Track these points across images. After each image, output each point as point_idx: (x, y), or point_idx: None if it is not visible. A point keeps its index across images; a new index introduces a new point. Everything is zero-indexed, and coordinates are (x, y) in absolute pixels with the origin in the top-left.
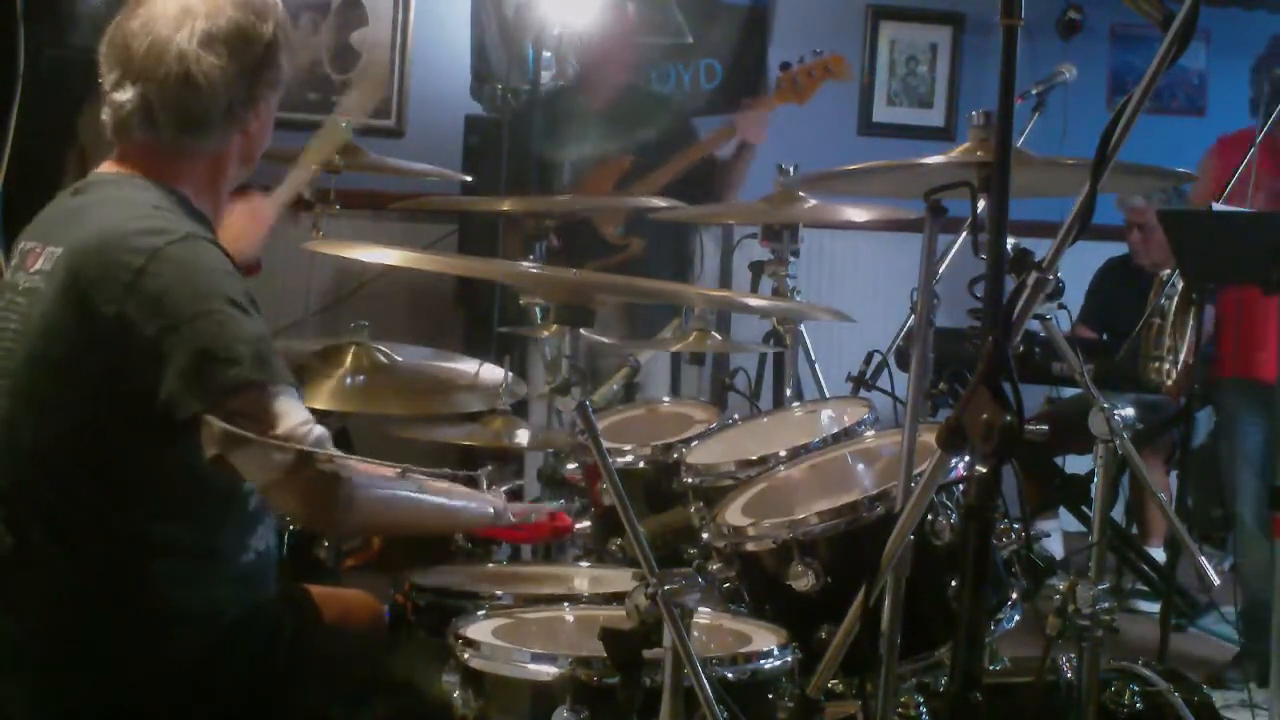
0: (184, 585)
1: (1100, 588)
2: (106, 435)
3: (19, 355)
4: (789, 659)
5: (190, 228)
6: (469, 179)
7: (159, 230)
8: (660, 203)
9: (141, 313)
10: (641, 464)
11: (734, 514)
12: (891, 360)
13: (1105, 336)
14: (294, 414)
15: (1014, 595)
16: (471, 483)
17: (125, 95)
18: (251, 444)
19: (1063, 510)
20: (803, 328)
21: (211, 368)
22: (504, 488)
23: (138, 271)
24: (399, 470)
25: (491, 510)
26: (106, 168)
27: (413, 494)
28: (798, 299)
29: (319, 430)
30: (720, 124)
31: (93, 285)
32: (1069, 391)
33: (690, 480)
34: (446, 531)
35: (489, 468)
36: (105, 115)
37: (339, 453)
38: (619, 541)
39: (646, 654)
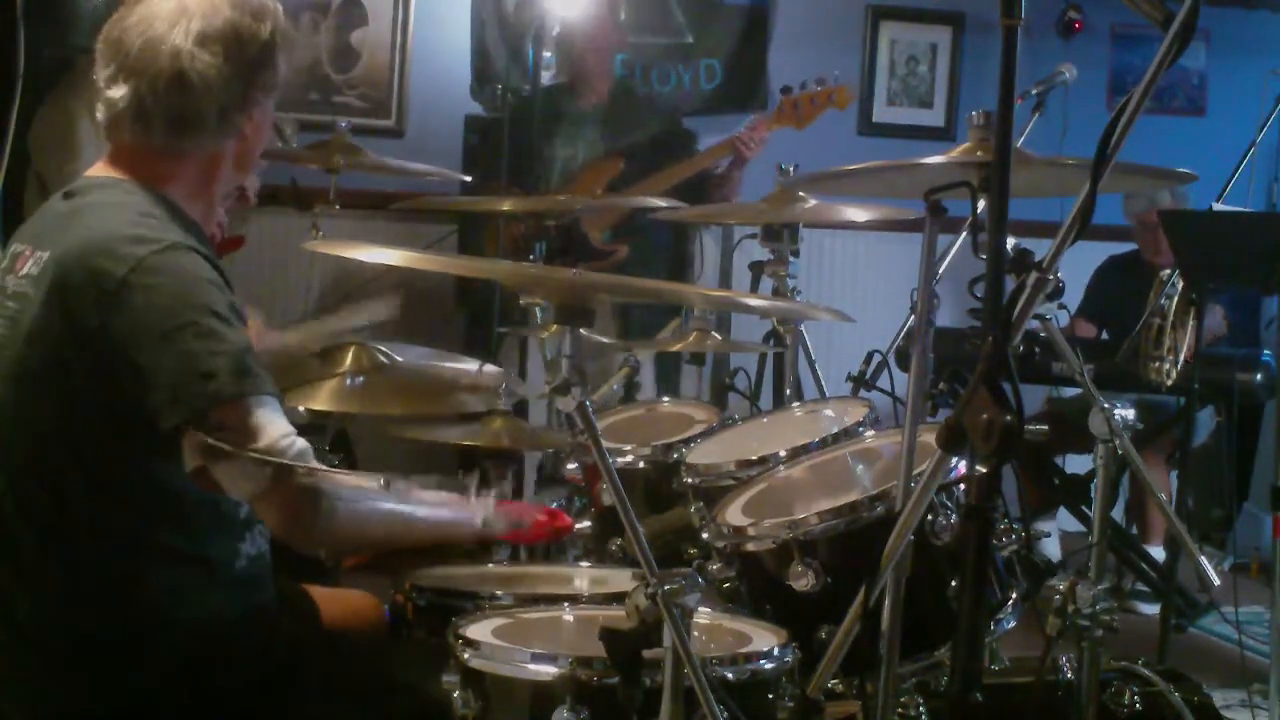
0: (178, 591)
1: (1100, 588)
2: (94, 442)
3: (8, 360)
4: (789, 659)
5: (176, 236)
6: (469, 179)
7: (143, 239)
8: (661, 203)
9: (123, 323)
10: (641, 464)
11: (734, 514)
12: (891, 360)
13: (1105, 333)
14: (274, 427)
15: (1014, 595)
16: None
17: (118, 92)
18: (231, 458)
19: (1063, 510)
20: (803, 328)
21: (191, 381)
22: (491, 493)
23: (120, 281)
24: (381, 482)
25: (479, 521)
26: (98, 169)
27: (395, 507)
28: (798, 299)
29: (300, 444)
30: (718, 138)
31: (76, 293)
32: (1069, 391)
33: (690, 480)
34: (432, 543)
35: (475, 475)
36: (99, 112)
37: (320, 466)
38: (619, 541)
39: (646, 654)
